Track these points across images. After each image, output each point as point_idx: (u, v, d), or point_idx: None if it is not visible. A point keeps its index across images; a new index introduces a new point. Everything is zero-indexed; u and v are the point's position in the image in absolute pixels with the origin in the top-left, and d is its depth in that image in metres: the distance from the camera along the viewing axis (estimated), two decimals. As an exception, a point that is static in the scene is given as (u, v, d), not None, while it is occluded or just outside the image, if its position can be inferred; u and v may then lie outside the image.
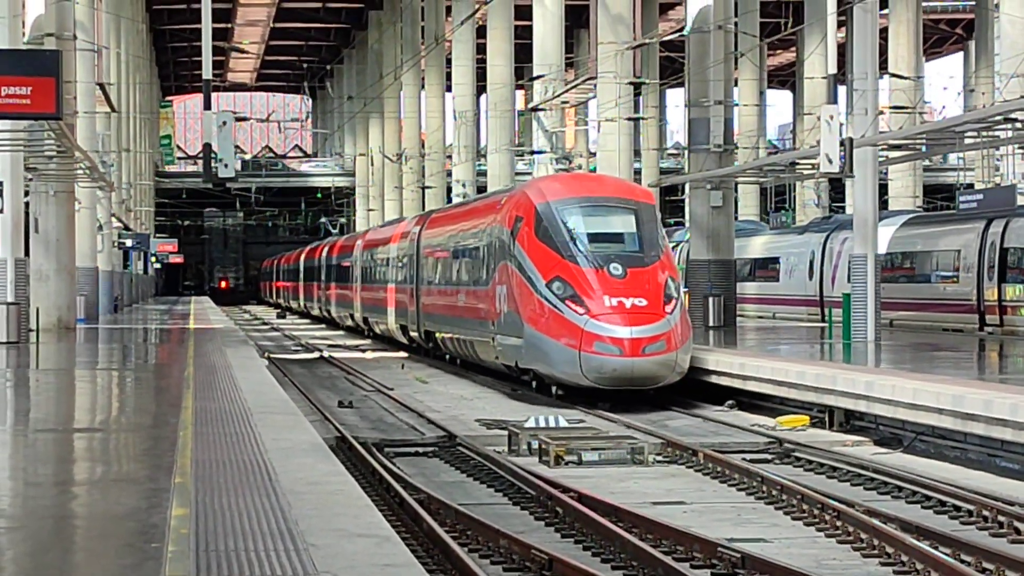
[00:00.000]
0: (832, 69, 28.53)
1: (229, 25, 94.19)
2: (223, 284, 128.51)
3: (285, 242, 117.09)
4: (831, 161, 27.11)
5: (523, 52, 59.71)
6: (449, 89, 68.59)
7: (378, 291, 47.12)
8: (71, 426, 16.03)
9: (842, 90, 38.00)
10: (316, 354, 42.48)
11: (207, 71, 27.52)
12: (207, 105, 27.51)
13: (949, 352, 27.13)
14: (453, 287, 34.04)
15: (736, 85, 55.97)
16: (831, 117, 27.16)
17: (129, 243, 65.18)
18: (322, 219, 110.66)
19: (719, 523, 14.19)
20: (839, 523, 13.61)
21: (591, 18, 45.70)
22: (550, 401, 26.40)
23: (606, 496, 14.91)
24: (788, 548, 12.98)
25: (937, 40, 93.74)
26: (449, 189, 67.62)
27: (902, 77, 51.90)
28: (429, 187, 71.62)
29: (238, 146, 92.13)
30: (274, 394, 18.99)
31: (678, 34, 43.45)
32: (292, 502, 10.01)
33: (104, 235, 54.31)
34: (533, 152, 49.33)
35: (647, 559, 11.76)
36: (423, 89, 76.74)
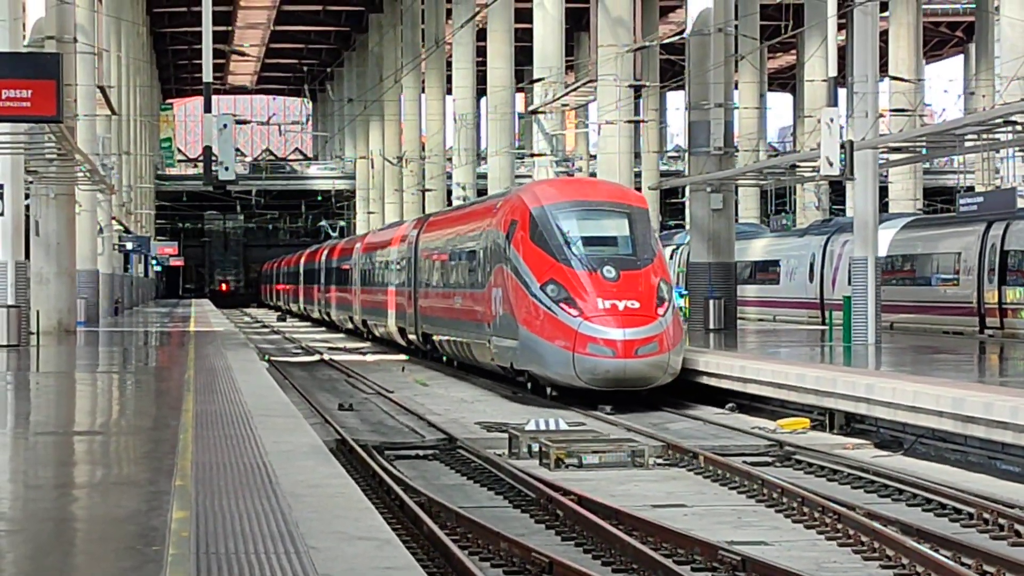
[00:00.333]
0: (832, 72, 28.53)
1: (229, 28, 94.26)
2: (223, 287, 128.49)
3: (285, 245, 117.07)
4: (831, 164, 27.10)
5: (523, 55, 59.72)
6: (449, 92, 68.61)
7: (377, 294, 47.28)
8: (71, 429, 16.03)
9: (842, 93, 37.96)
10: (316, 357, 42.48)
11: (207, 74, 27.53)
12: (207, 108, 27.51)
13: (949, 355, 27.13)
14: (450, 290, 34.30)
15: (736, 88, 56.00)
16: (831, 120, 27.16)
17: (129, 246, 65.21)
18: (322, 222, 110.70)
19: (720, 526, 14.18)
20: (840, 526, 13.61)
21: (591, 21, 45.74)
22: (550, 403, 26.42)
23: (606, 499, 14.91)
24: (789, 551, 12.98)
25: (937, 43, 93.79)
26: (449, 192, 67.63)
27: (902, 80, 51.93)
28: (429, 190, 71.63)
29: (238, 149, 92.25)
30: (274, 397, 18.99)
31: (678, 37, 43.50)
32: (292, 505, 10.01)
33: (104, 238, 54.33)
34: (533, 155, 49.34)
35: (648, 562, 11.76)
36: (423, 92, 76.77)
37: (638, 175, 63.73)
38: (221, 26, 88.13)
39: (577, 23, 78.92)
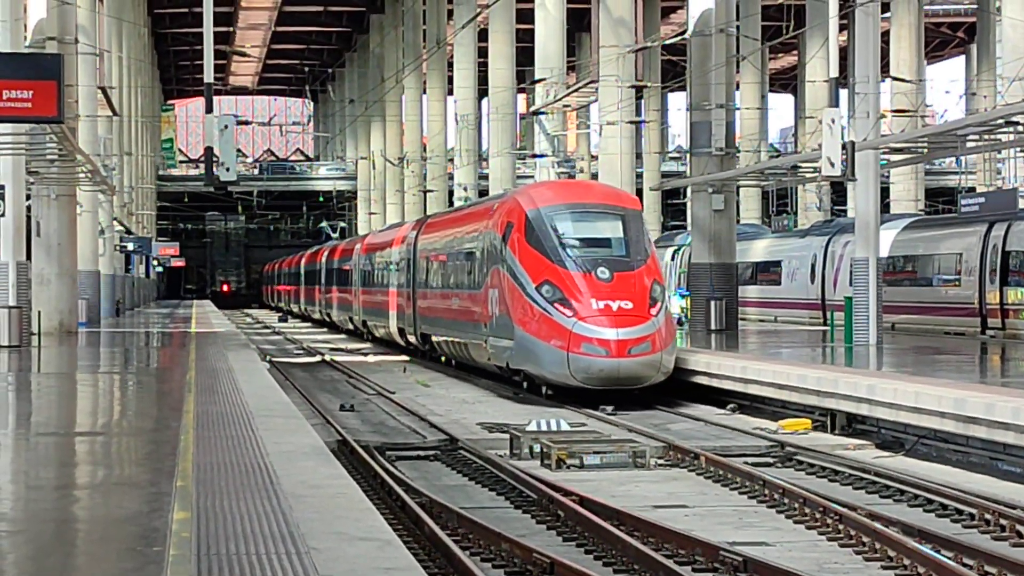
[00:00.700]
0: (834, 73, 28.52)
1: (231, 29, 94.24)
2: (225, 288, 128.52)
3: (287, 246, 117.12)
4: (833, 164, 27.10)
5: (525, 55, 59.76)
6: (451, 92, 68.61)
7: (377, 295, 47.50)
8: (73, 430, 16.03)
9: (844, 93, 37.98)
10: (318, 358, 42.48)
11: (209, 75, 27.53)
12: (209, 109, 27.51)
13: (951, 355, 27.13)
14: (448, 291, 34.69)
15: (738, 88, 55.97)
16: (833, 120, 27.16)
17: (131, 247, 65.24)
18: (323, 223, 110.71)
19: (721, 526, 14.18)
20: (841, 526, 13.61)
21: (592, 21, 45.71)
22: (552, 404, 26.44)
23: (608, 499, 14.91)
24: (790, 551, 12.98)
25: (939, 43, 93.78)
26: (451, 193, 67.64)
27: (904, 80, 51.91)
28: (431, 191, 71.63)
29: (240, 150, 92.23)
30: (276, 397, 18.99)
31: (680, 37, 43.48)
32: (294, 505, 10.01)
33: (106, 239, 54.35)
34: (535, 155, 49.35)
35: (649, 562, 11.76)
36: (424, 93, 76.77)
37: (640, 176, 63.70)
38: (222, 27, 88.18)
39: (578, 24, 78.90)
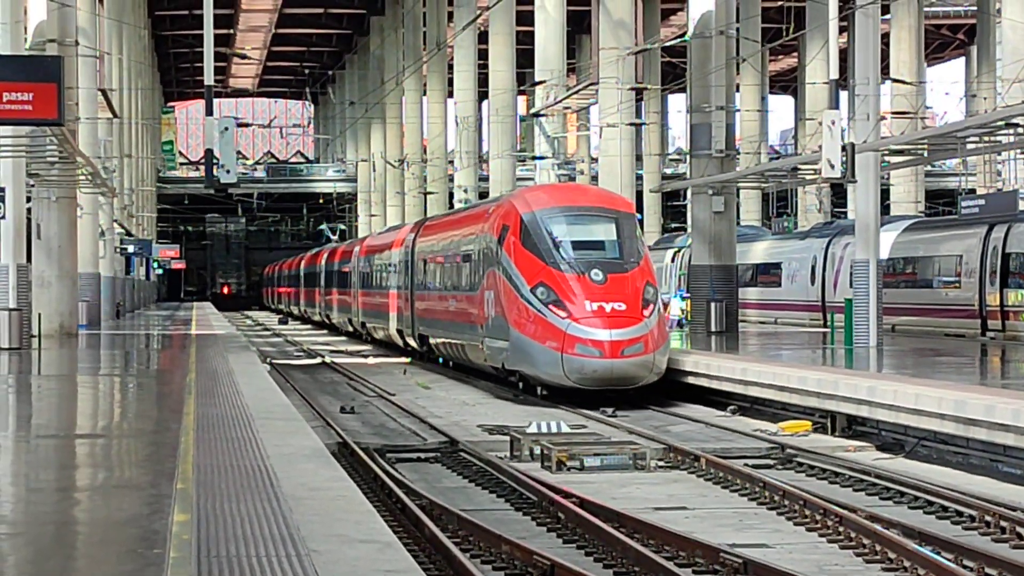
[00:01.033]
0: (834, 74, 28.52)
1: (231, 31, 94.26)
2: (225, 290, 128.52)
3: (287, 248, 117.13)
4: (833, 166, 27.11)
5: (525, 57, 59.72)
6: (451, 94, 68.61)
7: (376, 297, 47.70)
8: (73, 432, 16.03)
9: (844, 95, 37.99)
10: (318, 359, 42.47)
11: (209, 77, 27.54)
12: (209, 111, 27.52)
13: (951, 357, 27.13)
14: (445, 293, 35.09)
15: (738, 90, 55.94)
16: (833, 122, 27.16)
17: (131, 249, 65.24)
18: (322, 225, 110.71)
19: (721, 528, 14.18)
20: (841, 528, 13.61)
21: (593, 23, 45.71)
22: (553, 406, 26.46)
23: (608, 501, 14.91)
24: (790, 553, 12.98)
25: (939, 45, 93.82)
26: (451, 195, 67.64)
27: (904, 82, 51.90)
28: (431, 193, 71.64)
29: (240, 152, 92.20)
30: (276, 400, 18.99)
31: (680, 39, 43.47)
32: (294, 508, 10.01)
33: (106, 241, 54.34)
34: (535, 157, 49.35)
35: (649, 565, 11.76)
36: (425, 94, 76.79)
37: (640, 178, 63.69)
38: (222, 29, 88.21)
39: (578, 26, 78.91)
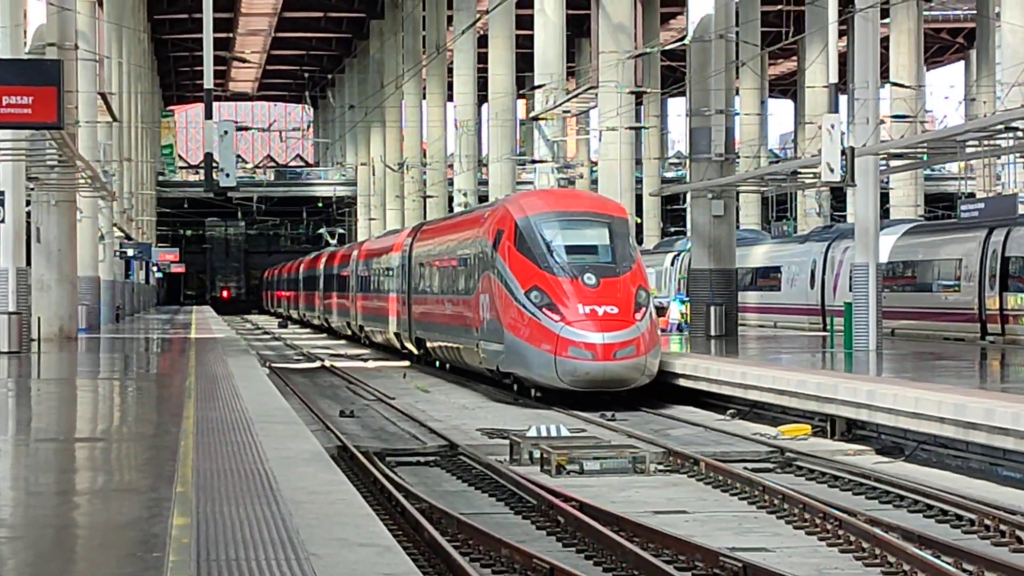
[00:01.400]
0: (833, 78, 28.52)
1: (231, 35, 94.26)
2: (225, 293, 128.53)
3: (286, 251, 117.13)
4: (832, 170, 27.11)
5: (524, 61, 59.76)
6: (451, 98, 68.64)
7: (374, 301, 47.93)
8: (72, 436, 16.03)
9: (843, 99, 37.98)
10: (317, 363, 42.49)
11: (208, 81, 27.53)
12: (208, 114, 27.52)
13: (951, 361, 27.13)
14: (441, 296, 35.50)
15: (737, 94, 55.99)
16: (832, 126, 27.17)
17: (131, 252, 65.20)
18: (321, 229, 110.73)
19: (721, 532, 14.17)
20: (841, 532, 13.60)
21: (592, 27, 45.71)
22: (551, 409, 26.49)
23: (607, 505, 14.91)
24: (790, 557, 12.97)
25: (938, 49, 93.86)
26: (451, 198, 67.65)
27: (903, 86, 51.93)
28: (431, 196, 71.66)
29: (239, 156, 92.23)
30: (275, 403, 18.99)
31: (679, 43, 43.47)
32: (293, 511, 10.01)
33: (106, 244, 54.32)
34: (534, 161, 49.35)
35: (649, 568, 11.75)
36: (424, 98, 76.82)
37: (639, 181, 63.73)
38: (222, 33, 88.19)
39: (578, 29, 78.94)
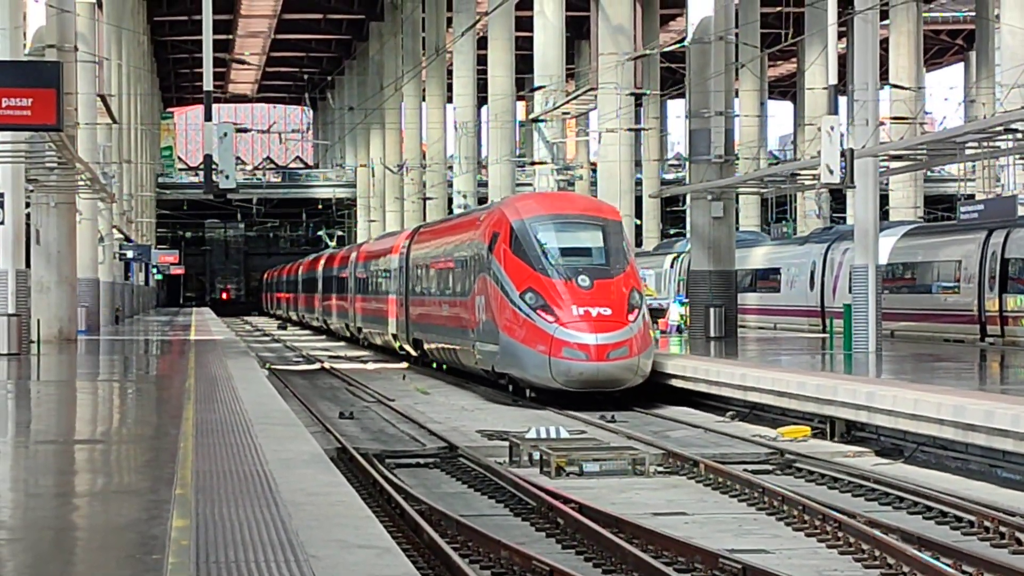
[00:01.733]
0: (833, 80, 28.53)
1: (230, 37, 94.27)
2: (224, 295, 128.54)
3: (286, 253, 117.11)
4: (832, 172, 27.13)
5: (524, 63, 59.75)
6: (450, 100, 68.63)
7: (373, 302, 48.11)
8: (72, 438, 16.03)
9: (843, 101, 37.97)
10: (317, 365, 42.49)
11: (208, 82, 27.55)
12: (208, 116, 27.53)
13: (950, 363, 27.13)
14: (438, 298, 35.81)
15: (737, 96, 56.00)
16: (832, 128, 27.17)
17: (130, 254, 65.20)
18: (321, 231, 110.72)
19: (720, 534, 14.17)
20: (840, 534, 13.60)
21: (592, 29, 45.73)
22: (550, 410, 26.51)
23: (607, 507, 14.90)
24: (789, 559, 12.97)
25: (938, 51, 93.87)
26: (450, 200, 67.65)
27: (903, 88, 51.95)
28: (430, 198, 71.66)
29: (239, 157, 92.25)
30: (275, 405, 18.98)
31: (679, 45, 43.47)
32: (293, 513, 10.01)
33: (105, 246, 54.32)
34: (534, 163, 49.35)
35: (648, 570, 11.75)
36: (424, 100, 76.81)
37: (639, 183, 63.71)
38: (222, 34, 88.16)
39: (578, 31, 78.96)
